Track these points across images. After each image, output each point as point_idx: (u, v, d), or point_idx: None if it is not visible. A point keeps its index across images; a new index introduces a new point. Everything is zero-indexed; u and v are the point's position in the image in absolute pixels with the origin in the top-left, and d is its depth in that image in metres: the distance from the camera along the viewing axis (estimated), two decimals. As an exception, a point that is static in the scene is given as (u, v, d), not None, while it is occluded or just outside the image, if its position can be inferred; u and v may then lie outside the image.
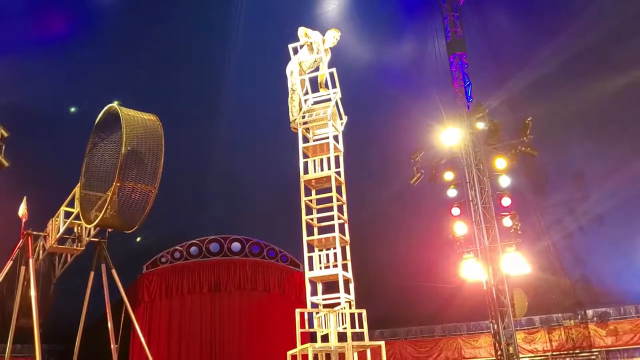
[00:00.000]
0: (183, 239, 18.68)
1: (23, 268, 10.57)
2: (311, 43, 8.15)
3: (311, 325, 7.39)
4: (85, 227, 10.42)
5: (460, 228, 14.61)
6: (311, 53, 8.22)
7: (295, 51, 8.34)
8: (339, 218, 7.66)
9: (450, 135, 14.63)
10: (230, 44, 18.85)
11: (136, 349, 16.37)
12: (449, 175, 15.21)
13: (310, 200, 7.93)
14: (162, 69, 18.19)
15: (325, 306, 7.48)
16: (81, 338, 11.22)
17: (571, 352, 17.73)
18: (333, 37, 8.23)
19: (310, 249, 7.71)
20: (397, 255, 19.05)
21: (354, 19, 18.98)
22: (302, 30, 8.14)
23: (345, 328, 7.05)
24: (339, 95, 8.12)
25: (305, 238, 7.61)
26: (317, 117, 8.11)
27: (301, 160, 8.08)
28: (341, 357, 7.11)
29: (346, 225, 7.80)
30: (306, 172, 8.03)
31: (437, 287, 17.73)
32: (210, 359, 17.56)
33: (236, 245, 18.79)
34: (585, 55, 16.54)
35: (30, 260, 10.49)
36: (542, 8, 17.85)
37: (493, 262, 13.74)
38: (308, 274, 7.52)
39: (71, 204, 10.21)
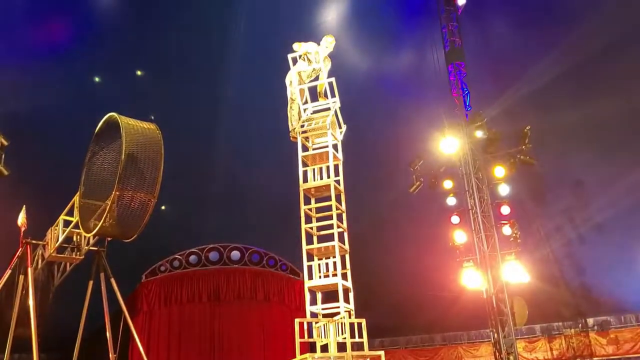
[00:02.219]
0: (182, 248, 18.65)
1: (22, 277, 10.52)
2: (307, 54, 8.22)
3: (311, 335, 7.36)
4: (85, 236, 10.40)
5: (459, 236, 14.59)
6: (309, 64, 8.29)
7: (295, 61, 8.39)
8: (339, 227, 7.65)
9: (449, 143, 14.66)
10: (230, 54, 18.96)
11: (135, 359, 16.29)
12: (448, 184, 15.22)
13: (310, 209, 7.93)
14: (163, 77, 18.28)
15: (324, 316, 7.45)
16: (79, 348, 11.15)
17: (572, 360, 17.67)
18: (327, 43, 8.29)
19: (310, 257, 7.69)
20: (396, 264, 19.01)
21: (354, 28, 19.12)
22: (297, 46, 8.24)
23: (344, 338, 7.02)
24: (338, 104, 8.15)
25: (304, 247, 7.60)
26: (317, 126, 8.14)
27: (300, 169, 8.09)
28: (341, 367, 7.06)
29: (345, 234, 7.80)
30: (305, 180, 8.03)
31: (437, 296, 17.67)
32: (209, 368, 17.47)
33: (236, 254, 18.74)
34: (584, 64, 16.63)
35: (29, 269, 10.46)
36: (541, 18, 17.99)
37: (493, 270, 13.71)
38: (307, 283, 7.50)
39: (70, 213, 10.20)
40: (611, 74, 17.01)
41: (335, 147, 8.14)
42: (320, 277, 7.60)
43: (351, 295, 7.51)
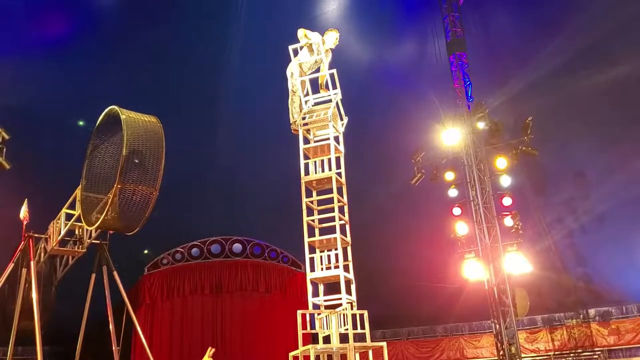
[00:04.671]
0: (184, 240, 18.69)
1: (24, 270, 10.55)
2: (311, 44, 8.14)
3: (313, 326, 7.38)
4: (87, 229, 10.41)
5: (461, 228, 14.58)
6: (311, 54, 8.21)
7: (296, 52, 8.32)
8: (340, 219, 7.64)
9: (451, 135, 14.62)
10: (230, 45, 18.89)
11: (138, 351, 16.38)
12: (449, 175, 15.19)
13: (312, 202, 7.92)
14: (163, 70, 18.23)
15: (326, 307, 7.47)
16: (83, 340, 11.22)
17: (573, 351, 17.70)
18: (335, 38, 8.22)
19: (312, 250, 7.69)
20: (398, 256, 19.04)
21: (354, 19, 19.03)
22: (301, 32, 8.13)
23: (346, 329, 7.03)
24: (339, 96, 8.11)
25: (306, 239, 7.60)
26: (318, 118, 8.10)
27: (302, 162, 8.07)
28: (343, 359, 7.09)
29: (347, 226, 7.79)
30: (307, 173, 8.01)
31: (439, 287, 17.71)
32: (212, 360, 17.55)
33: (237, 247, 18.77)
34: (586, 54, 16.55)
35: (32, 263, 10.48)
36: (542, 7, 17.87)
37: (494, 261, 13.72)
38: (309, 275, 7.51)
39: (72, 206, 10.20)
40: (613, 64, 16.90)
41: (336, 139, 8.11)
42: (322, 269, 7.61)
43: (353, 286, 7.52)
